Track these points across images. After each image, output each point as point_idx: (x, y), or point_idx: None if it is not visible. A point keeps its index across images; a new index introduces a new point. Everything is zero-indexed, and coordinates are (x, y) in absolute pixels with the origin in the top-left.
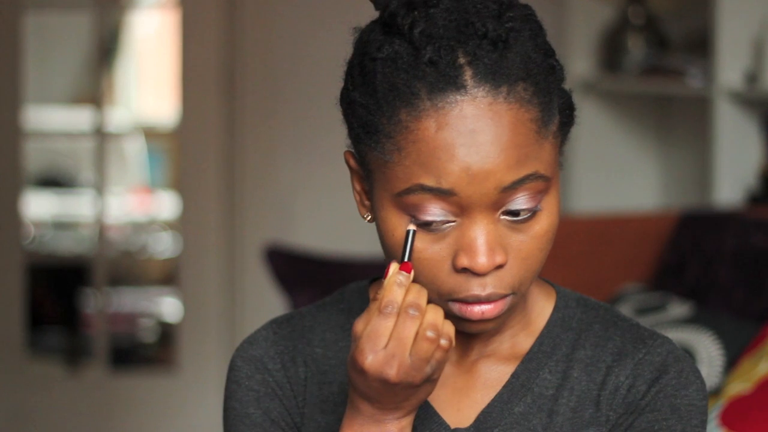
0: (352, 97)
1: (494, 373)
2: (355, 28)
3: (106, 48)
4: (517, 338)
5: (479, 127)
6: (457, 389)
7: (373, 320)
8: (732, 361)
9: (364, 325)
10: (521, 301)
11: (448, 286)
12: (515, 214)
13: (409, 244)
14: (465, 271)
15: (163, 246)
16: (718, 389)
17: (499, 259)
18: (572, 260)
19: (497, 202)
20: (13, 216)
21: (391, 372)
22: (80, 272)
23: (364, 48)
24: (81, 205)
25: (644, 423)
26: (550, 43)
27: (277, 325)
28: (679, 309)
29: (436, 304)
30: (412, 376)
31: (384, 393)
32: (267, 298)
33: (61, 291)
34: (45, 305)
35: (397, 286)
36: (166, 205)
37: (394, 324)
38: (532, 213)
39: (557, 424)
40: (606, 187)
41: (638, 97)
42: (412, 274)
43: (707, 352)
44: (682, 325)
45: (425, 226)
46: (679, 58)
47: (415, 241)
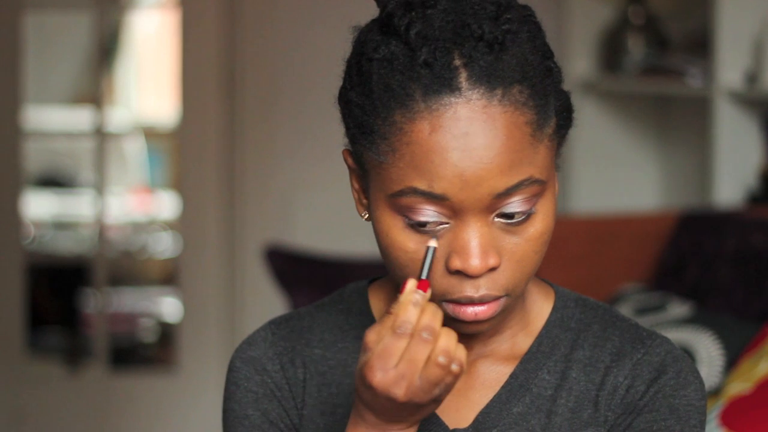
0: (348, 97)
1: (493, 373)
2: (354, 27)
3: (106, 48)
4: (515, 338)
5: (473, 130)
6: (455, 390)
7: (386, 338)
8: (732, 361)
9: (376, 337)
10: (518, 301)
11: (441, 287)
12: (509, 216)
13: (428, 262)
14: (458, 272)
15: (163, 246)
16: (718, 389)
17: (492, 262)
18: (572, 260)
19: (491, 206)
20: (13, 216)
21: (399, 392)
22: (80, 272)
23: (362, 48)
24: (81, 205)
25: (643, 423)
26: (549, 44)
27: (276, 325)
28: (679, 309)
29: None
30: (419, 397)
31: (390, 409)
32: (267, 298)
33: (61, 291)
34: (45, 305)
35: (412, 306)
36: (166, 205)
37: (407, 345)
38: (527, 215)
39: (556, 424)
40: (606, 188)
41: (638, 97)
42: (429, 293)
43: (707, 352)
44: (682, 325)
45: (420, 227)
46: (679, 58)
47: (433, 257)
